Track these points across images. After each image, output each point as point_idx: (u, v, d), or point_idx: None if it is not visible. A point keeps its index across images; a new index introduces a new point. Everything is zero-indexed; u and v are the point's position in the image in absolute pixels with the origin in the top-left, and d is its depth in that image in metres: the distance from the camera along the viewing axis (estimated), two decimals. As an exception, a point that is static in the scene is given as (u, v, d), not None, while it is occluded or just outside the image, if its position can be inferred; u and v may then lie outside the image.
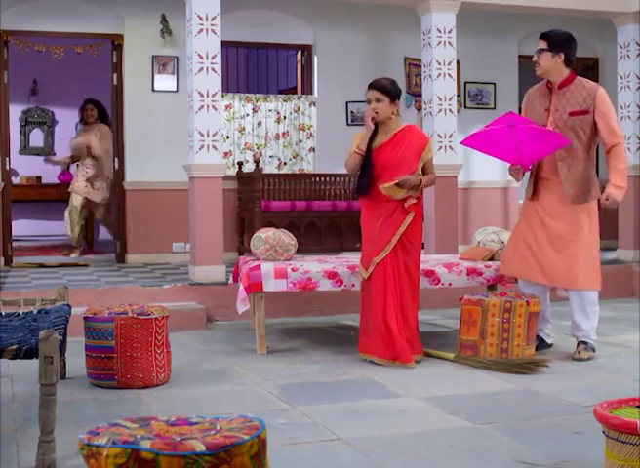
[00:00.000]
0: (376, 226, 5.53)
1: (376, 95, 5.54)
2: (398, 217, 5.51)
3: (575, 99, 5.59)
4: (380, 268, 5.49)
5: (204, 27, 7.55)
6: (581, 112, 5.57)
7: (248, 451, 2.39)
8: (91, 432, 2.45)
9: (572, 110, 5.58)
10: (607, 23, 9.73)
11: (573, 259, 5.61)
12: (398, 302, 5.49)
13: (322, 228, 9.24)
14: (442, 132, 8.59)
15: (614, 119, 5.63)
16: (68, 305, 4.78)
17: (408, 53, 10.30)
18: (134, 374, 4.88)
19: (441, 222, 8.57)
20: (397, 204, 5.51)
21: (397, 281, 5.50)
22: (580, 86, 5.64)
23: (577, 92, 5.61)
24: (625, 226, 9.46)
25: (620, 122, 9.40)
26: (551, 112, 5.65)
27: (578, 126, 5.57)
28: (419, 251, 5.68)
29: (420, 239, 5.70)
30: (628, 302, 8.38)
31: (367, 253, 5.59)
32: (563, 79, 5.64)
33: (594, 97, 5.56)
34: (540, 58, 5.63)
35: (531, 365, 5.29)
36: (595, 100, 5.55)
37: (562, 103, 5.63)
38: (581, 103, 5.57)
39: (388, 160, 5.51)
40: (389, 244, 5.49)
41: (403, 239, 5.52)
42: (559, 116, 5.61)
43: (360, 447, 3.77)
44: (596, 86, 5.65)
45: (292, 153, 10.22)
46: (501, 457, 3.62)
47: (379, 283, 5.49)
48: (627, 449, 2.87)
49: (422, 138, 5.68)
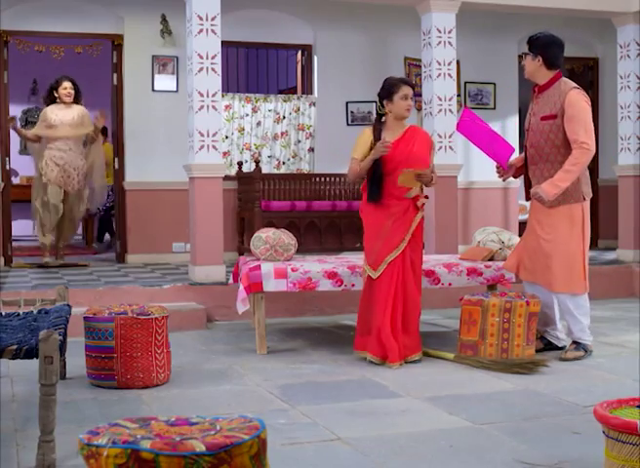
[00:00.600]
0: (387, 226, 5.51)
1: (410, 91, 5.60)
2: (410, 216, 5.54)
3: (547, 104, 5.58)
4: (390, 267, 5.48)
5: (204, 27, 7.55)
6: (551, 116, 5.53)
7: (248, 451, 2.39)
8: (91, 432, 2.45)
9: (543, 115, 5.58)
10: (607, 23, 9.73)
11: (548, 260, 5.59)
12: (401, 302, 5.49)
13: (322, 228, 9.24)
14: (442, 132, 8.59)
15: (582, 123, 5.47)
16: (68, 305, 4.78)
17: (408, 53, 10.30)
18: (134, 374, 4.88)
19: (441, 222, 8.57)
20: (409, 203, 5.53)
21: (405, 279, 5.51)
22: (556, 89, 5.58)
23: (552, 95, 5.58)
24: (625, 226, 9.46)
25: (620, 122, 9.45)
26: (531, 116, 5.70)
27: (548, 130, 5.54)
28: (421, 248, 5.74)
29: (422, 239, 5.76)
30: (628, 302, 8.38)
31: (377, 252, 5.52)
32: (543, 83, 5.63)
33: (563, 100, 5.49)
34: (525, 62, 5.69)
35: (531, 365, 5.29)
36: (564, 104, 5.48)
37: (538, 107, 5.66)
38: (552, 107, 5.54)
39: (405, 155, 5.51)
40: (403, 242, 5.49)
41: (411, 237, 5.54)
42: (535, 120, 5.66)
43: (360, 447, 3.77)
44: (569, 89, 5.54)
45: (290, 153, 10.22)
46: (502, 457, 3.61)
47: (387, 282, 5.48)
48: (627, 450, 2.87)
49: (428, 138, 5.76)
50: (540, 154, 5.61)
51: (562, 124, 5.50)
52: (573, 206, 5.59)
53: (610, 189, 10.64)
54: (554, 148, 5.56)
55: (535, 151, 5.67)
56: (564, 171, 5.47)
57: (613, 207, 9.98)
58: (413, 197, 5.53)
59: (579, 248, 5.62)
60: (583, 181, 5.63)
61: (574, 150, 5.47)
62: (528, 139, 5.75)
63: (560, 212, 5.57)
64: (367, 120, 10.12)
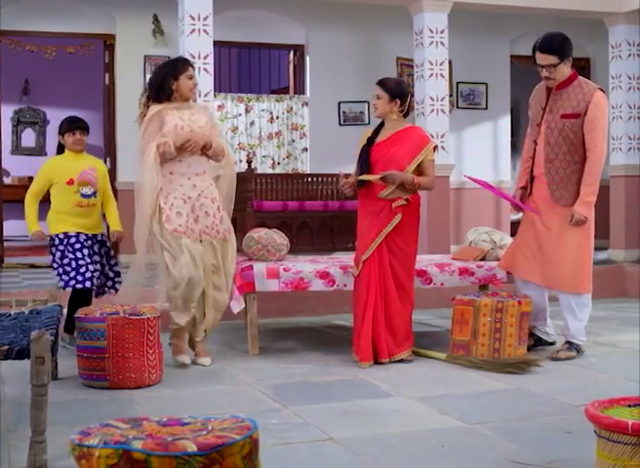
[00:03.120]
0: (364, 225, 5.56)
1: (377, 91, 5.58)
2: (385, 217, 5.50)
3: (569, 102, 5.52)
4: (367, 267, 5.51)
5: (196, 27, 7.55)
6: (573, 115, 5.49)
7: (240, 452, 2.39)
8: (82, 433, 2.44)
9: (564, 113, 5.52)
10: (598, 24, 9.76)
11: (559, 262, 5.61)
12: (382, 302, 5.50)
13: (314, 228, 9.23)
14: (434, 132, 8.60)
15: (602, 128, 5.49)
16: (60, 306, 4.77)
17: (400, 53, 10.31)
18: (125, 375, 4.88)
19: (433, 222, 8.58)
20: (386, 204, 5.50)
21: (383, 282, 5.50)
22: (577, 88, 5.54)
23: (573, 94, 5.53)
24: (617, 226, 9.49)
25: (611, 122, 9.47)
26: (546, 112, 5.64)
27: (568, 128, 5.50)
28: (408, 255, 5.59)
29: (411, 243, 5.60)
30: (620, 302, 8.40)
31: (357, 251, 5.63)
32: (563, 80, 5.55)
33: (589, 101, 5.47)
34: (555, 73, 5.50)
35: (523, 364, 5.30)
36: (588, 105, 5.46)
37: (557, 105, 5.57)
38: (575, 106, 5.50)
39: (381, 157, 5.52)
40: (373, 243, 5.49)
41: (389, 240, 5.51)
42: (552, 117, 5.58)
43: (352, 447, 3.77)
44: (594, 89, 5.53)
45: (285, 153, 10.22)
46: (493, 457, 3.62)
47: (364, 282, 5.51)
48: (618, 449, 2.88)
49: (423, 140, 5.64)
50: (557, 152, 5.57)
51: (583, 123, 5.48)
52: None
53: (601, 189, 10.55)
54: (572, 147, 5.54)
55: (551, 149, 5.60)
56: (588, 185, 5.52)
57: (604, 207, 9.99)
58: (392, 199, 5.52)
59: (587, 246, 5.65)
60: None
61: (589, 158, 5.49)
62: (541, 136, 5.67)
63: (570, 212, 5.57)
64: (359, 120, 10.14)
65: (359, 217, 5.68)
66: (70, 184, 5.97)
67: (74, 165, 6.02)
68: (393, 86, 5.58)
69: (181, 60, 5.71)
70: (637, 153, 9.47)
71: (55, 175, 6.00)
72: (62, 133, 6.07)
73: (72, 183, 5.97)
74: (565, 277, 5.61)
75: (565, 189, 5.58)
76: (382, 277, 5.50)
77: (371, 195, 5.53)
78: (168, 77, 5.48)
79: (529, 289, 5.79)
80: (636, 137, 9.43)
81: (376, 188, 5.51)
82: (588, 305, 5.72)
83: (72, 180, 5.97)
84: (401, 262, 5.56)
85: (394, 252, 5.53)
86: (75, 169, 6.00)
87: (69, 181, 5.96)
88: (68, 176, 5.96)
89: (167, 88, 5.47)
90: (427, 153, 5.58)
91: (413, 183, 5.48)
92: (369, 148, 5.58)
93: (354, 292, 5.65)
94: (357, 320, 5.54)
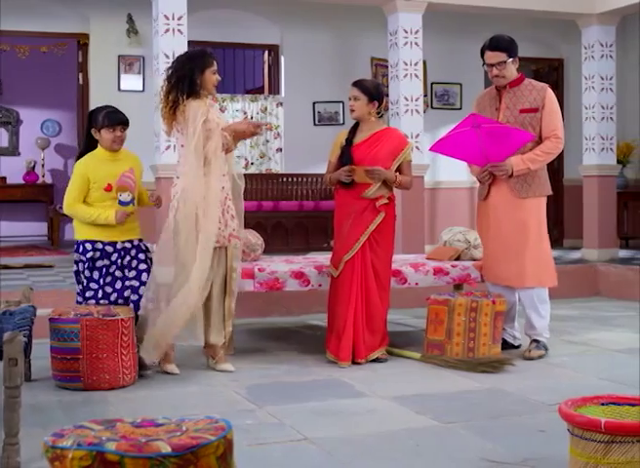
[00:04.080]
0: (346, 225, 5.56)
1: (354, 92, 5.61)
2: (368, 217, 5.54)
3: (525, 98, 5.69)
4: (349, 267, 5.52)
5: (170, 27, 7.53)
6: (532, 110, 5.65)
7: (214, 452, 2.39)
8: (55, 434, 2.43)
9: (522, 108, 5.67)
10: (571, 24, 9.81)
11: (521, 259, 5.67)
12: (363, 302, 5.52)
13: (289, 228, 9.25)
14: (409, 132, 8.61)
15: (559, 119, 5.71)
16: (33, 307, 4.74)
17: (374, 53, 10.33)
18: (99, 376, 4.85)
19: (408, 222, 8.60)
20: (369, 203, 5.54)
21: (365, 280, 5.52)
22: (529, 86, 5.74)
23: (527, 91, 5.71)
24: (590, 226, 9.55)
25: (584, 122, 9.54)
26: (502, 110, 5.74)
27: (527, 122, 5.64)
28: (388, 253, 5.67)
29: (390, 242, 5.67)
30: (593, 301, 8.45)
31: (337, 251, 5.64)
32: (514, 79, 5.72)
33: (544, 96, 5.67)
34: (505, 70, 5.67)
35: (497, 364, 5.33)
36: (545, 100, 5.66)
37: (513, 101, 5.71)
38: (532, 102, 5.66)
39: (364, 157, 5.55)
40: (357, 242, 5.51)
41: (372, 239, 5.55)
42: (510, 113, 5.70)
43: (327, 447, 3.77)
44: (545, 86, 5.76)
45: (259, 153, 10.21)
46: (468, 456, 3.63)
47: (346, 282, 5.52)
48: (591, 447, 2.90)
49: (402, 141, 5.72)
50: None
51: (540, 118, 5.64)
52: (541, 199, 5.74)
53: (575, 189, 10.74)
54: (531, 141, 5.63)
55: None
56: (535, 154, 5.61)
57: (577, 206, 10.08)
58: (374, 198, 5.55)
59: (547, 241, 5.77)
60: (547, 178, 5.80)
61: (548, 141, 5.63)
62: None
63: (531, 204, 5.66)
64: (334, 120, 10.15)
65: (338, 218, 5.68)
66: (108, 191, 5.19)
67: (112, 167, 5.23)
68: (371, 88, 5.63)
69: (207, 54, 5.42)
70: (610, 153, 9.53)
71: (93, 178, 5.17)
72: (99, 127, 5.22)
73: (110, 190, 5.20)
74: (529, 273, 5.68)
75: (525, 181, 5.66)
76: (365, 277, 5.52)
77: (353, 194, 5.55)
78: (195, 71, 5.28)
79: (497, 290, 5.84)
80: (609, 138, 9.50)
81: (358, 188, 5.54)
82: (548, 301, 5.80)
83: (110, 186, 5.19)
84: (382, 261, 5.60)
85: (376, 250, 5.56)
86: (113, 172, 5.22)
87: (107, 187, 5.19)
88: (106, 181, 5.18)
89: (195, 82, 5.26)
90: (406, 154, 5.67)
91: (395, 182, 5.56)
92: (349, 149, 5.60)
93: (334, 292, 5.64)
94: (339, 320, 5.53)
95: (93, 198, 5.20)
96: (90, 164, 5.21)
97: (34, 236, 13.29)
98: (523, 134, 5.55)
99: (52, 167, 13.88)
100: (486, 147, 5.60)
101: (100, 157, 5.24)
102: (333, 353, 5.54)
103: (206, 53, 5.46)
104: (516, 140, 5.56)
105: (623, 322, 7.17)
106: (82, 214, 5.19)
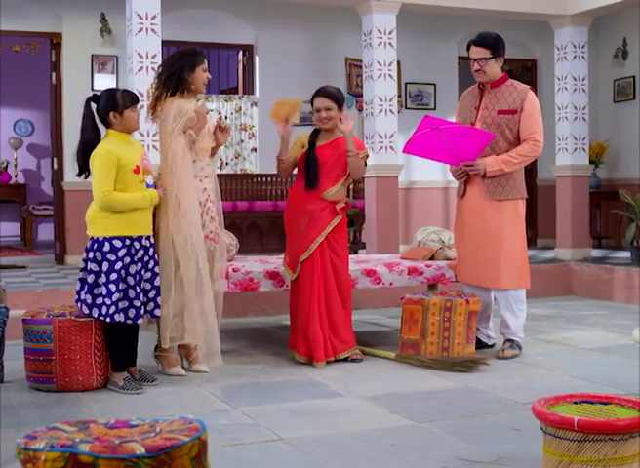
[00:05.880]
0: (302, 224, 5.57)
1: (326, 103, 5.62)
2: (326, 217, 5.56)
3: (505, 99, 5.70)
4: (308, 267, 5.52)
5: (144, 26, 7.49)
6: (510, 111, 5.66)
7: (188, 453, 2.38)
8: (28, 436, 2.41)
9: (500, 109, 5.68)
10: (545, 25, 9.86)
11: (496, 260, 5.69)
12: (324, 302, 5.52)
13: (264, 229, 9.23)
14: (383, 132, 8.63)
15: (538, 123, 5.68)
16: (6, 308, 4.72)
17: (349, 53, 10.34)
18: (72, 377, 4.83)
19: (382, 222, 8.61)
20: (328, 204, 5.57)
21: (324, 281, 5.53)
22: (511, 87, 5.75)
23: (507, 92, 5.72)
24: (563, 226, 9.61)
25: (557, 123, 9.59)
26: (480, 110, 5.76)
27: (505, 124, 5.66)
28: (346, 253, 5.73)
29: (346, 245, 5.74)
30: (566, 300, 8.51)
31: (292, 251, 5.63)
32: (497, 79, 5.74)
33: (524, 98, 5.67)
34: (486, 67, 5.67)
35: (471, 363, 5.35)
36: (524, 102, 5.66)
37: (492, 102, 5.73)
38: (511, 103, 5.67)
39: (327, 159, 5.59)
40: (314, 243, 5.51)
41: (330, 240, 5.56)
42: (487, 113, 5.72)
43: (302, 447, 3.77)
44: (527, 89, 5.75)
45: (234, 153, 10.19)
46: (442, 455, 3.65)
47: (306, 282, 5.53)
48: (564, 445, 2.92)
49: (359, 145, 5.74)
50: (493, 147, 5.66)
51: (519, 120, 5.65)
52: (517, 202, 5.75)
53: (548, 189, 10.80)
54: (506, 143, 5.67)
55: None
56: (510, 156, 5.63)
57: (551, 206, 10.14)
58: (333, 200, 5.57)
59: (523, 243, 5.79)
60: (522, 180, 5.79)
61: (525, 143, 5.64)
62: None
63: (507, 207, 5.68)
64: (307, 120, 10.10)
65: (291, 216, 5.69)
66: (137, 173, 4.84)
67: (132, 150, 4.93)
68: (339, 95, 5.71)
69: (197, 52, 5.40)
70: (583, 153, 9.59)
71: (120, 160, 4.79)
72: (122, 109, 4.88)
73: (138, 172, 4.85)
74: (504, 275, 5.70)
75: (499, 183, 5.67)
76: (324, 276, 5.53)
77: (313, 194, 5.57)
78: (185, 68, 5.26)
79: (472, 290, 5.86)
80: (582, 138, 9.55)
81: (320, 187, 5.56)
82: (524, 302, 5.84)
83: (138, 168, 4.85)
84: (341, 259, 5.63)
85: (335, 250, 5.58)
86: (136, 154, 4.92)
87: (136, 169, 4.83)
88: (134, 163, 4.84)
89: (184, 80, 5.25)
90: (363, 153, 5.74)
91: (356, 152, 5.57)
92: (314, 151, 5.61)
93: (294, 293, 5.65)
94: (302, 321, 5.54)
95: (125, 184, 4.80)
96: (112, 148, 4.81)
97: (7, 236, 13.21)
98: (482, 133, 5.58)
99: (25, 167, 13.81)
100: (454, 147, 5.63)
101: (118, 141, 4.89)
102: (304, 355, 5.53)
103: (197, 51, 5.46)
104: (479, 140, 5.59)
105: (596, 321, 7.23)
106: (123, 200, 4.78)
